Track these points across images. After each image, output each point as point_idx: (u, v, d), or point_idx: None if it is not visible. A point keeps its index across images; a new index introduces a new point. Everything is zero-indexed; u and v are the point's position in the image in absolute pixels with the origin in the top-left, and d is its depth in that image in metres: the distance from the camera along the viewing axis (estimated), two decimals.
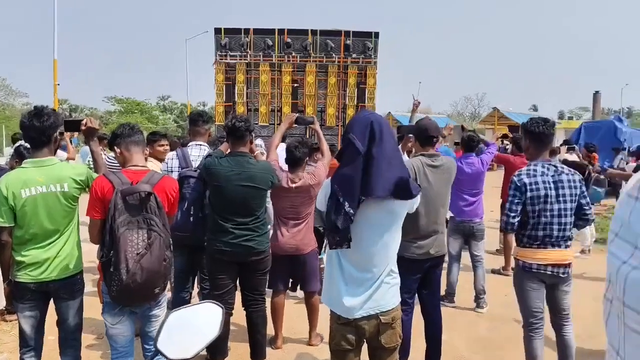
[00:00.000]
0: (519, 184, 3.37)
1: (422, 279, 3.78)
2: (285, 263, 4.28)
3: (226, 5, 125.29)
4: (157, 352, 1.16)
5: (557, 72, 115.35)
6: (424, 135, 3.71)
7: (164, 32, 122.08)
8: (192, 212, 3.93)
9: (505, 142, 8.22)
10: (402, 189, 2.34)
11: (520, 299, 3.54)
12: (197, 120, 4.37)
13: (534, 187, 3.33)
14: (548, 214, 3.34)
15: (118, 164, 3.24)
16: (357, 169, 2.35)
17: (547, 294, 3.51)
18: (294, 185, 4.15)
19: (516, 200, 3.38)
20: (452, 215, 5.58)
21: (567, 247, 3.42)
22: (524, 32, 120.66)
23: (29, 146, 3.15)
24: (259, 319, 3.91)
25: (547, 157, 3.49)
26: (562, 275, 3.40)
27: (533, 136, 3.48)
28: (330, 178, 2.49)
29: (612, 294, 1.03)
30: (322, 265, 4.90)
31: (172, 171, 4.12)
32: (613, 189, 8.93)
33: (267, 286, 4.15)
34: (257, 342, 3.90)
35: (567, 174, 3.40)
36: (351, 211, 2.28)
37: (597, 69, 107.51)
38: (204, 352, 4.12)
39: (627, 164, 11.14)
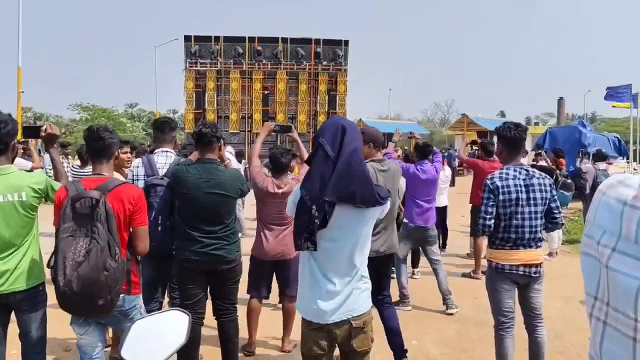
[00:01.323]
0: (492, 187, 3.45)
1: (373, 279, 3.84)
2: (269, 269, 4.34)
3: (195, 13, 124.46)
4: None
5: (523, 79, 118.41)
6: (373, 143, 3.97)
7: (132, 39, 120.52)
8: (159, 221, 3.86)
9: (474, 147, 8.37)
10: (360, 197, 2.34)
11: (492, 300, 3.60)
12: (163, 127, 4.29)
13: (506, 190, 3.41)
14: (519, 216, 3.42)
15: (83, 173, 3.17)
16: (325, 173, 2.35)
17: (520, 294, 3.59)
18: (280, 190, 4.20)
19: (490, 203, 3.45)
20: (405, 221, 5.65)
21: (538, 247, 3.50)
22: (491, 40, 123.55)
23: None
24: (231, 329, 3.86)
25: (519, 161, 3.58)
26: (534, 275, 3.48)
27: (506, 140, 3.57)
28: (299, 184, 2.50)
29: (601, 313, 1.01)
30: None
31: (137, 179, 4.04)
32: (579, 193, 9.18)
33: (247, 292, 4.19)
34: (229, 351, 3.85)
35: (537, 178, 3.48)
36: (316, 214, 2.29)
37: (561, 76, 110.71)
38: None
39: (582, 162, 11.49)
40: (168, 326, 1.21)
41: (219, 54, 23.83)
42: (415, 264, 7.14)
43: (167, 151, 4.18)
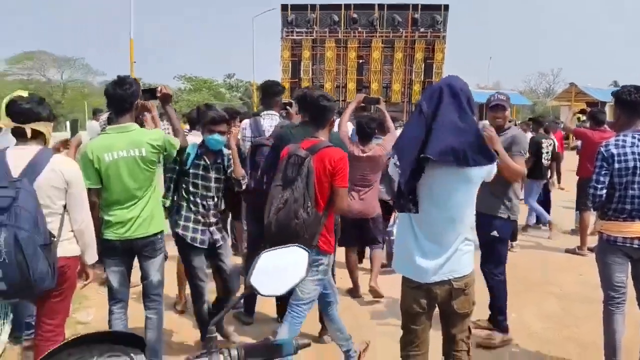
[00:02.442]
0: (606, 155, 3.23)
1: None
2: (353, 225, 4.73)
3: None
4: (251, 288, 1.23)
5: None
6: None
7: (230, 11, 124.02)
8: (265, 180, 4.03)
9: (582, 118, 7.77)
10: (462, 155, 2.24)
11: (602, 273, 3.41)
12: (269, 90, 4.44)
13: (622, 157, 3.17)
14: (636, 186, 3.18)
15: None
16: (414, 129, 2.34)
17: (633, 268, 3.36)
18: (364, 154, 4.60)
19: (603, 172, 3.23)
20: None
21: None
22: (603, 2, 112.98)
23: None
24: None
25: (638, 127, 3.30)
26: None
27: (625, 104, 3.31)
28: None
29: None
30: (392, 237, 5.02)
31: (244, 140, 4.23)
32: None
33: (339, 245, 4.35)
34: None
35: None
36: (406, 170, 2.28)
37: None
38: (275, 315, 4.29)
39: None
40: (291, 259, 1.29)
41: (315, 22, 23.94)
42: (514, 237, 6.89)
43: (272, 114, 4.34)
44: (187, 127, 6.18)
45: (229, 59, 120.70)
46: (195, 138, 4.02)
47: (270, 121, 4.29)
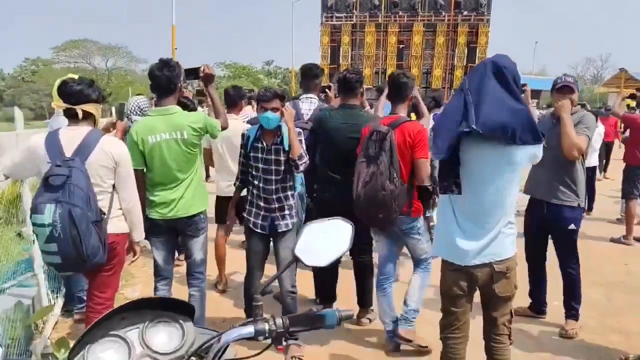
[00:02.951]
0: None
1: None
2: None
3: None
4: (295, 258, 1.27)
5: None
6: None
7: None
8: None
9: (632, 104, 7.43)
10: (511, 132, 2.19)
11: None
12: (309, 73, 4.46)
13: None
14: None
15: None
16: (454, 106, 2.34)
17: None
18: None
19: None
20: None
21: None
22: None
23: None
24: (367, 269, 4.02)
25: None
26: None
27: None
28: None
29: None
30: (432, 223, 4.97)
31: None
32: None
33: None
34: (365, 289, 4.02)
35: None
36: (442, 147, 2.30)
37: None
38: (313, 297, 4.35)
39: None
40: (334, 232, 1.32)
41: (355, 6, 23.69)
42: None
43: (311, 97, 4.36)
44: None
45: (269, 46, 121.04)
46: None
47: (309, 104, 4.31)
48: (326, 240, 1.30)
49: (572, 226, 3.78)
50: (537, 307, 4.17)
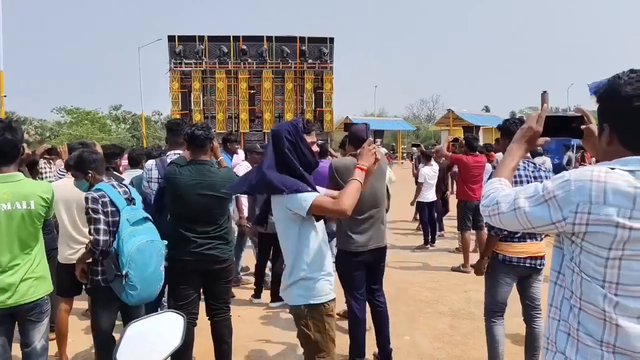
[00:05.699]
0: None
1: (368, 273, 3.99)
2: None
3: (179, 13, 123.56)
4: None
5: (507, 73, 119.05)
6: (356, 138, 4.03)
7: (115, 41, 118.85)
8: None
9: (455, 145, 8.27)
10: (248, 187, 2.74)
11: (490, 290, 3.64)
12: (175, 129, 4.30)
13: (518, 179, 3.29)
14: None
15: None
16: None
17: (520, 285, 3.64)
18: None
19: None
20: None
21: (541, 239, 3.54)
22: (476, 35, 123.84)
23: None
24: (225, 329, 3.86)
25: (524, 155, 3.59)
26: (538, 267, 3.54)
27: (511, 135, 3.58)
28: None
29: None
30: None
31: (150, 181, 4.03)
32: None
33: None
34: (223, 352, 3.85)
35: (544, 171, 3.52)
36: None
37: (545, 69, 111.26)
38: None
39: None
40: (163, 328, 1.21)
41: (204, 53, 23.65)
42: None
43: (179, 153, 4.16)
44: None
45: (116, 90, 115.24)
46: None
47: None
48: (155, 337, 1.18)
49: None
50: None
